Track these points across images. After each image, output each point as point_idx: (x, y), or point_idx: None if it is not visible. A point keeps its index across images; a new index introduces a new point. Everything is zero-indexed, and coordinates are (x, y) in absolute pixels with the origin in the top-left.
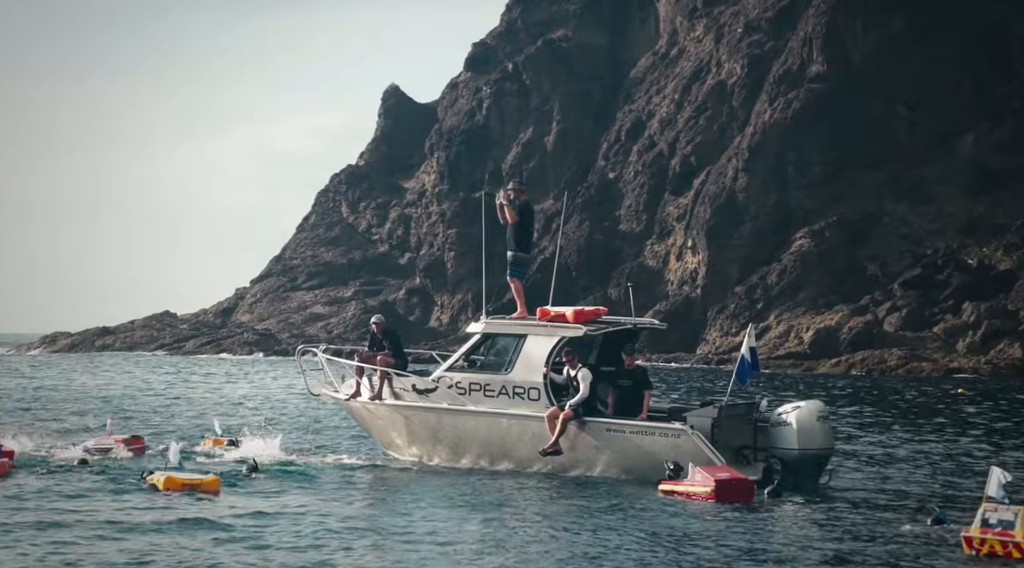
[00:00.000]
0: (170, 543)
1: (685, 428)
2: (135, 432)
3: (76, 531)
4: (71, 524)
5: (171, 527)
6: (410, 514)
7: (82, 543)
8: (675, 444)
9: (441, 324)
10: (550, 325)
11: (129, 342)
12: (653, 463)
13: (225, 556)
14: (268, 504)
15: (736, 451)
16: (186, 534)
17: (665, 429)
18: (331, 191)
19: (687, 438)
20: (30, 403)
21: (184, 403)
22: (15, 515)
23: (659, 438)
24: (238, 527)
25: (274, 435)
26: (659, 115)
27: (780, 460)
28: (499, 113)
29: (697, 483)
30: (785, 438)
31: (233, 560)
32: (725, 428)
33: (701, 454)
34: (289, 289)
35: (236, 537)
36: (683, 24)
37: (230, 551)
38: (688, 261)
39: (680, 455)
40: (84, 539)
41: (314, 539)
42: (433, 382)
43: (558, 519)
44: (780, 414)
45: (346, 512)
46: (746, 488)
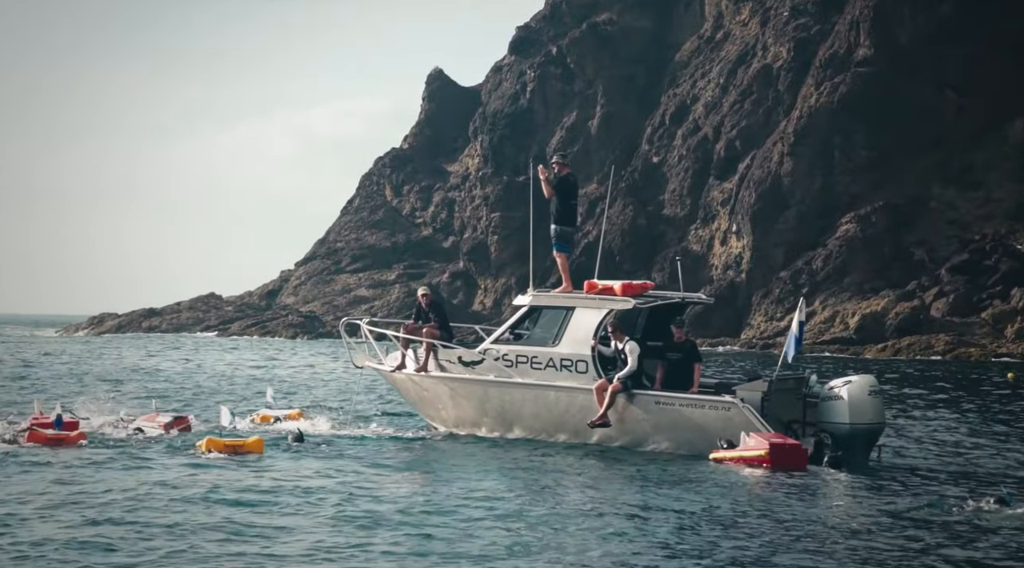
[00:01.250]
0: (206, 506)
1: (735, 401)
2: (184, 411)
3: (127, 496)
4: (122, 490)
5: (212, 490)
6: (453, 485)
7: (129, 507)
8: (725, 417)
9: (484, 308)
10: (599, 298)
11: (175, 323)
12: (703, 436)
13: (262, 519)
14: (309, 471)
15: (786, 425)
16: (226, 496)
17: (715, 402)
18: (375, 174)
19: (737, 411)
20: (82, 382)
21: (235, 381)
22: (78, 485)
23: (709, 411)
24: (278, 491)
25: (314, 409)
26: (704, 99)
27: (831, 435)
28: (543, 97)
29: (750, 448)
30: (836, 412)
31: (270, 522)
32: (775, 402)
33: (751, 427)
34: (333, 272)
35: (275, 500)
36: (728, 8)
37: (268, 513)
38: (733, 246)
39: (730, 428)
40: (131, 502)
41: (351, 507)
42: (480, 354)
43: (608, 489)
44: (831, 388)
45: (387, 482)
46: (800, 454)
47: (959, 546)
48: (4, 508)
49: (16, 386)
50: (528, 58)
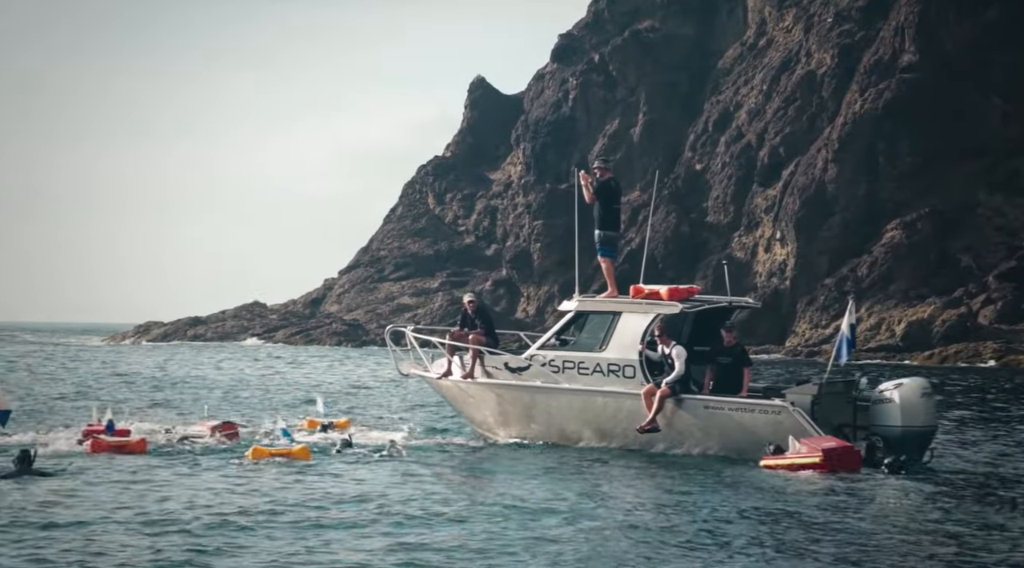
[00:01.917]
0: (252, 513)
1: (785, 405)
2: (234, 416)
3: (176, 499)
4: (174, 494)
5: (257, 497)
6: (500, 491)
7: (176, 515)
8: (775, 421)
9: (527, 315)
10: (645, 302)
11: (220, 332)
12: (753, 440)
13: (309, 526)
14: (357, 478)
15: (836, 429)
16: (272, 505)
17: (765, 406)
18: (418, 182)
19: (787, 415)
20: (132, 388)
21: (288, 388)
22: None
23: (759, 415)
24: (324, 498)
25: (362, 417)
26: (747, 106)
27: (883, 438)
28: (585, 104)
29: (803, 454)
30: (888, 415)
31: (318, 528)
32: (825, 405)
33: (802, 431)
34: (376, 280)
35: (322, 508)
36: (772, 14)
37: (316, 521)
38: (777, 253)
39: (780, 432)
40: (179, 510)
41: (400, 514)
42: (526, 360)
43: (659, 495)
44: (882, 391)
45: (435, 489)
46: (853, 456)
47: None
48: (67, 513)
49: (73, 391)
50: (570, 66)
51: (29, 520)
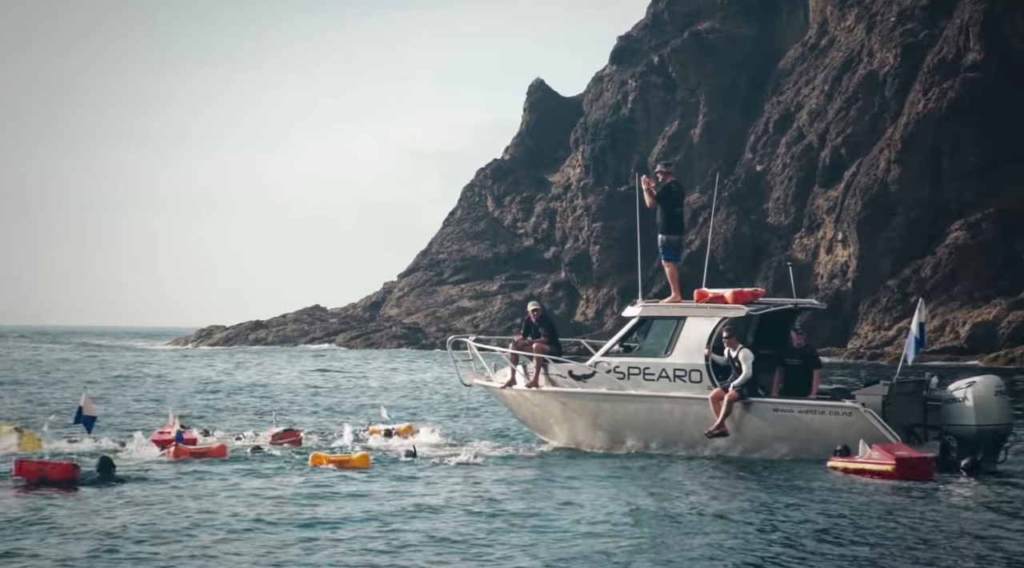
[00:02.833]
0: (309, 519)
1: (856, 406)
2: (304, 422)
3: (239, 503)
4: (237, 499)
5: (315, 504)
6: (568, 498)
7: (231, 522)
8: (846, 423)
9: (586, 318)
10: (710, 306)
11: (281, 335)
12: (823, 443)
13: (365, 535)
14: (420, 487)
15: (907, 429)
16: (327, 512)
17: (836, 407)
18: (477, 185)
19: (859, 416)
20: (200, 396)
21: (352, 392)
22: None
23: (829, 417)
24: (381, 506)
25: (425, 425)
26: (808, 106)
27: (956, 437)
28: (644, 106)
29: (874, 461)
30: (961, 414)
31: (377, 534)
32: (896, 406)
33: (873, 433)
34: (436, 283)
35: (379, 516)
36: (833, 14)
37: (369, 528)
38: (839, 254)
39: (851, 434)
40: (236, 517)
41: (463, 523)
42: (591, 367)
43: (730, 499)
44: (954, 390)
45: (500, 498)
46: (927, 467)
47: None
48: (144, 518)
49: (147, 396)
50: (630, 67)
51: (113, 526)
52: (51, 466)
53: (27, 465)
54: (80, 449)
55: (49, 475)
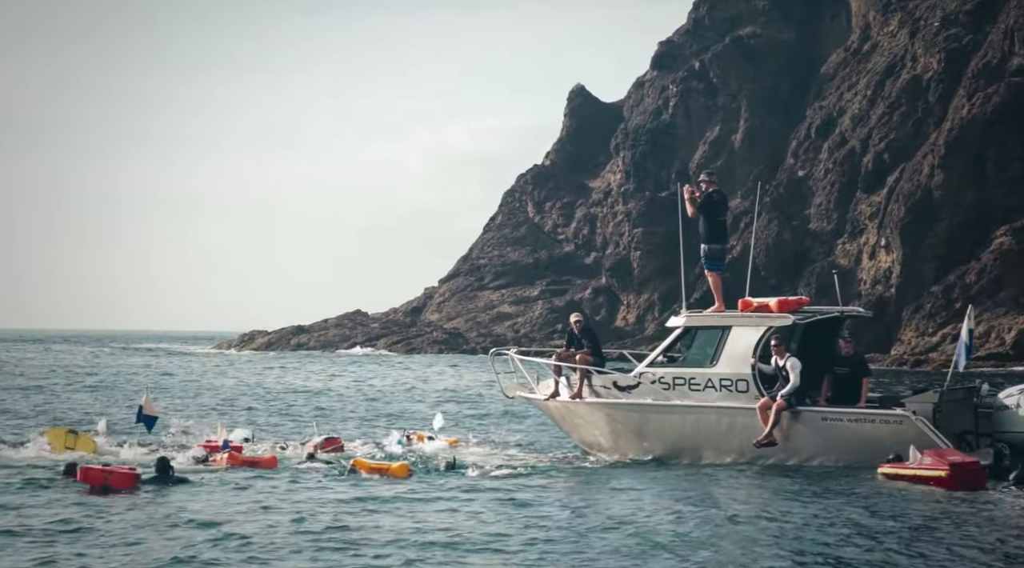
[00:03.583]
0: (341, 527)
1: (907, 414)
2: (347, 429)
3: (285, 508)
4: (282, 502)
5: (350, 511)
6: (615, 509)
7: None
8: (897, 431)
9: (627, 323)
10: (755, 316)
11: (323, 340)
12: (874, 451)
13: (401, 541)
14: (458, 497)
15: (959, 437)
16: (360, 516)
17: (886, 416)
18: (517, 191)
19: (910, 424)
20: (249, 402)
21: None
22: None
23: (880, 425)
24: (416, 515)
25: (466, 435)
26: (851, 112)
27: (1009, 445)
28: (685, 111)
29: (926, 467)
30: (1014, 421)
31: (413, 547)
32: (946, 413)
33: (925, 441)
34: (476, 288)
35: (413, 524)
36: (876, 19)
37: (405, 537)
38: (882, 260)
39: (902, 442)
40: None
41: (499, 533)
42: (635, 378)
43: (776, 508)
44: (1006, 397)
45: (539, 509)
46: (980, 473)
47: None
48: (193, 523)
49: (198, 401)
50: (671, 73)
51: (173, 524)
52: (115, 475)
53: (92, 472)
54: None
55: (113, 483)
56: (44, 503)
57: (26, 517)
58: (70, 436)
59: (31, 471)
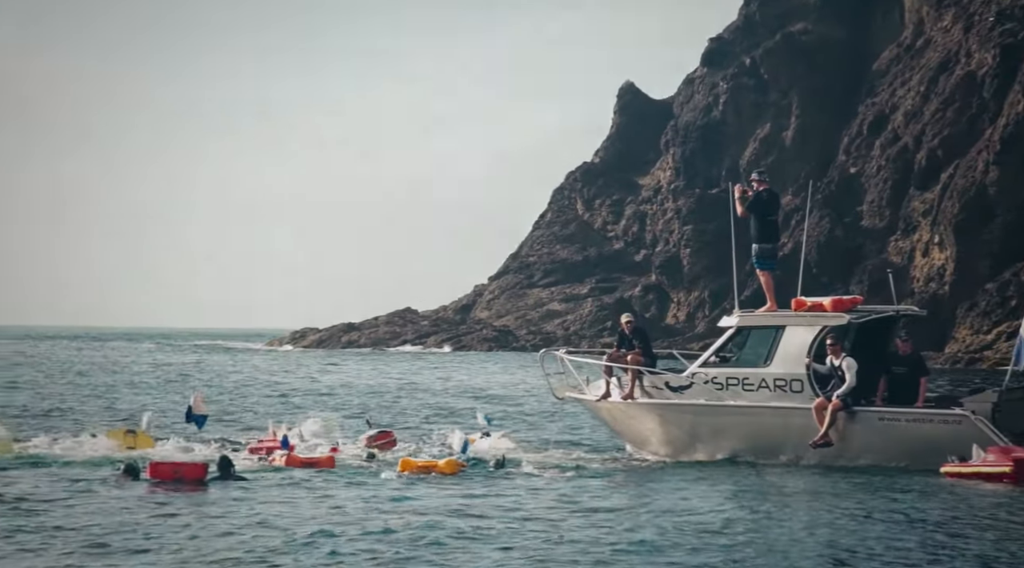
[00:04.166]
0: (393, 528)
1: (966, 413)
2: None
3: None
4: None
5: (400, 512)
6: (667, 508)
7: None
8: (955, 431)
9: (677, 321)
10: (810, 315)
11: (373, 338)
12: (932, 452)
13: (450, 538)
14: (508, 495)
15: (1018, 436)
16: (406, 514)
17: (945, 416)
18: (567, 189)
19: (969, 424)
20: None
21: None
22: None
23: (938, 426)
24: (466, 512)
25: (514, 433)
26: (903, 108)
27: None
28: (736, 108)
29: (990, 464)
30: None
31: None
32: (1006, 412)
33: (985, 440)
34: (526, 286)
35: (463, 522)
36: (930, 14)
37: (454, 535)
38: (935, 257)
39: (961, 442)
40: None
41: (548, 532)
42: (687, 379)
43: (833, 509)
44: None
45: (591, 508)
46: None
47: None
48: (241, 521)
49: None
50: (721, 69)
51: (236, 523)
52: (186, 467)
53: (162, 467)
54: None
55: (185, 475)
56: (110, 502)
57: (92, 516)
58: (128, 436)
59: (93, 471)
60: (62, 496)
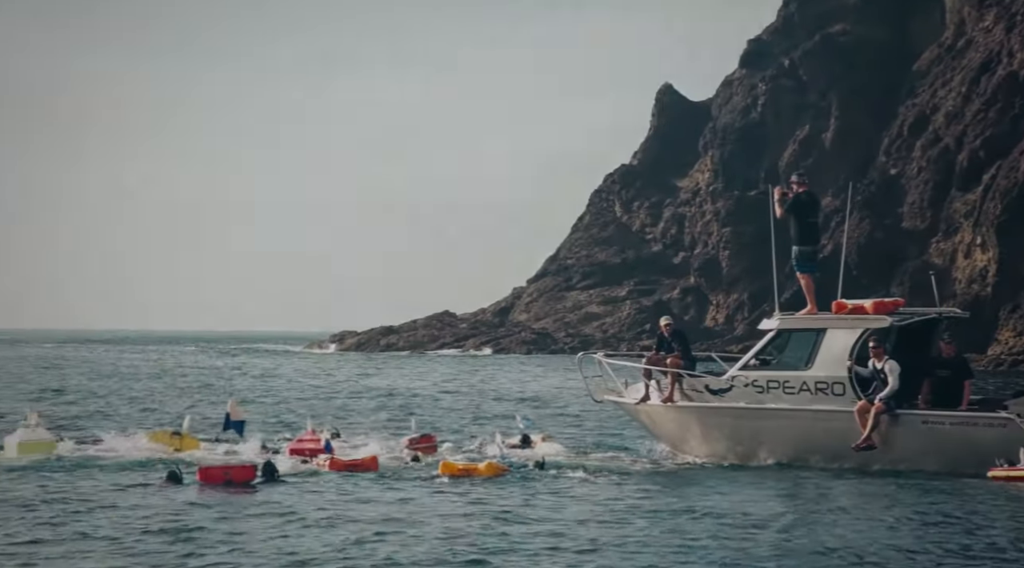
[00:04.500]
0: (430, 529)
1: (1012, 416)
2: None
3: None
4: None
5: (437, 514)
6: (708, 510)
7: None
8: (1001, 434)
9: (716, 324)
10: (851, 318)
11: (412, 341)
12: (976, 455)
13: (492, 540)
14: (547, 497)
15: None
16: (451, 517)
17: (989, 419)
18: (605, 191)
19: (1014, 427)
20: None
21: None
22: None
23: (983, 429)
24: (506, 516)
25: (555, 435)
26: (945, 109)
27: None
28: (775, 110)
29: None
30: None
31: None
32: None
33: None
34: (564, 289)
35: (504, 529)
36: (971, 14)
37: (496, 537)
38: (977, 259)
39: (1007, 446)
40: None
41: (591, 534)
42: (728, 382)
43: (888, 513)
44: None
45: (633, 510)
46: None
47: None
48: (277, 521)
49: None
50: (760, 71)
51: (284, 527)
52: (235, 469)
53: (212, 471)
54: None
55: (234, 478)
56: (158, 506)
57: (144, 519)
58: (174, 438)
59: (139, 473)
60: (107, 499)
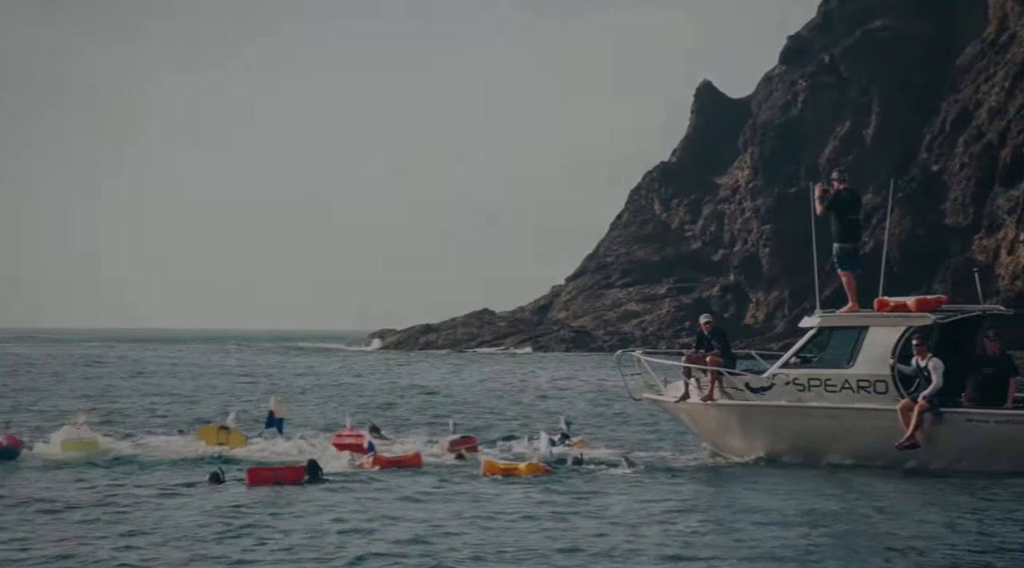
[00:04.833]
0: (480, 528)
1: None
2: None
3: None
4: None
5: (485, 511)
6: (749, 506)
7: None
8: None
9: (756, 322)
10: (894, 315)
11: (451, 339)
12: (1022, 454)
13: (530, 540)
14: (590, 496)
15: None
16: (488, 513)
17: None
18: (644, 188)
19: None
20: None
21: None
22: None
23: None
24: (541, 513)
25: (596, 436)
26: (988, 104)
27: None
28: (815, 106)
29: None
30: None
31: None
32: None
33: None
34: (603, 287)
35: (546, 524)
36: (1014, 9)
37: (538, 537)
38: (1021, 255)
39: None
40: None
41: (632, 533)
42: (768, 379)
43: (930, 515)
44: None
45: (672, 509)
46: None
47: None
48: (325, 518)
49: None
50: (800, 67)
51: (330, 526)
52: (285, 470)
53: (261, 472)
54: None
55: (283, 479)
56: (204, 504)
57: (190, 517)
58: (222, 432)
59: (186, 470)
60: (153, 496)
